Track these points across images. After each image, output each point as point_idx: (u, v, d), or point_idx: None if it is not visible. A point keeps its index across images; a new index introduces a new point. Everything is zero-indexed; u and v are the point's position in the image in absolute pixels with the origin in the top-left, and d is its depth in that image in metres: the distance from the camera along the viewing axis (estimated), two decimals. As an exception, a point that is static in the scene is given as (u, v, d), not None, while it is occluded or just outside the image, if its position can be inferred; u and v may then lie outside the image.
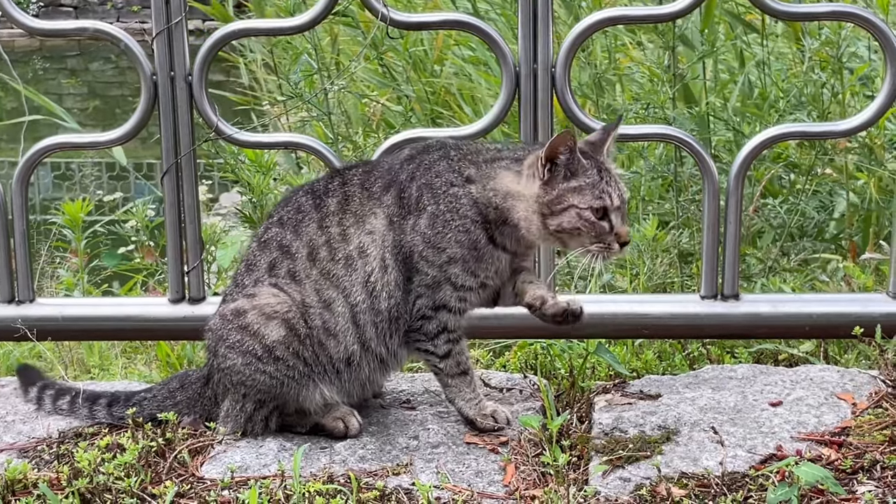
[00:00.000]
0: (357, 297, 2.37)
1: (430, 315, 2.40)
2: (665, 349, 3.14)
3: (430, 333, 2.41)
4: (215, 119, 2.80)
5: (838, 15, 2.95)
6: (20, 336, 2.83)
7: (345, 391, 2.43)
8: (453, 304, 2.40)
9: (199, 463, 2.34)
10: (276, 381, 2.37)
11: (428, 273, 2.37)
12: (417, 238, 2.36)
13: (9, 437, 2.51)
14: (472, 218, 2.36)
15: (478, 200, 2.36)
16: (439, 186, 2.37)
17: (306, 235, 2.40)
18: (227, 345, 2.39)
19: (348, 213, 2.39)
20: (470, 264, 2.38)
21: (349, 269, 2.37)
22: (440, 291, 2.38)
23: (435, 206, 2.36)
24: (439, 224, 2.36)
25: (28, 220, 2.88)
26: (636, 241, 3.49)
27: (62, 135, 3.00)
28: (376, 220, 2.38)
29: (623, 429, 2.42)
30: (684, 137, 2.80)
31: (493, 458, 2.35)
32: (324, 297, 2.37)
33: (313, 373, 2.38)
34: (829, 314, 2.82)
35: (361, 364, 2.40)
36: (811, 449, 2.29)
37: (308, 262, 2.38)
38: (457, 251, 2.36)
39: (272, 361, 2.36)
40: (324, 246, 2.38)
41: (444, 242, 2.36)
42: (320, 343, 2.37)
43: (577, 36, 2.73)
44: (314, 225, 2.40)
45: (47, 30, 2.95)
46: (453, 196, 2.36)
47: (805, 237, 3.73)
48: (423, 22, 3.16)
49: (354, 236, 2.37)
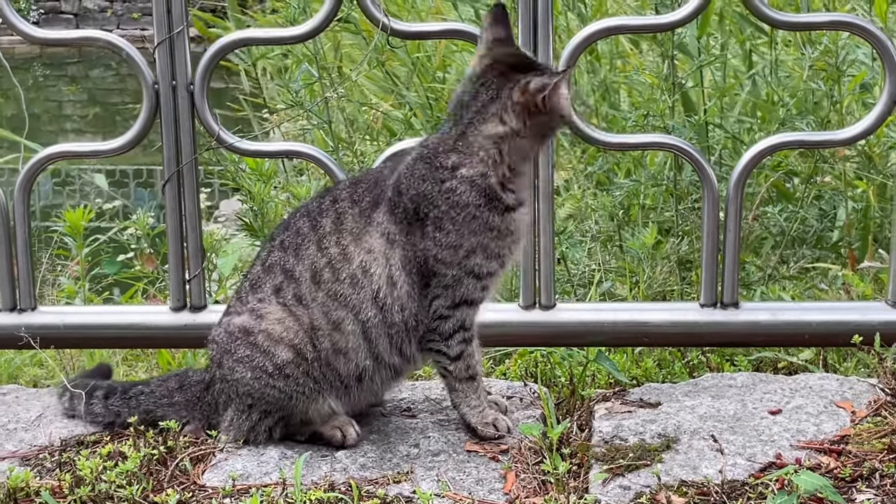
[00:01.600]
0: (368, 314, 2.35)
1: (447, 314, 2.38)
2: (665, 357, 3.15)
3: (445, 333, 2.40)
4: (217, 128, 2.80)
5: (836, 24, 2.96)
6: (24, 344, 2.83)
7: (351, 403, 2.44)
8: (476, 296, 2.38)
9: (201, 471, 2.35)
10: (284, 395, 2.38)
11: (447, 273, 2.35)
12: (430, 245, 2.34)
13: (10, 445, 2.52)
14: (475, 202, 2.32)
15: (474, 180, 2.32)
16: (430, 189, 2.33)
17: (308, 259, 2.38)
18: (234, 358, 2.39)
19: (344, 231, 2.37)
20: (491, 248, 2.35)
21: (356, 288, 2.35)
22: (461, 287, 2.36)
23: (436, 209, 2.33)
24: (447, 224, 2.33)
25: (30, 228, 2.89)
26: (636, 249, 3.50)
27: (65, 143, 3.01)
28: (372, 240, 2.36)
29: (623, 437, 2.42)
30: (683, 146, 2.81)
31: (493, 466, 2.35)
32: (332, 319, 2.36)
33: (322, 389, 2.38)
34: (828, 322, 2.83)
35: (374, 378, 2.40)
36: (810, 457, 2.30)
37: (313, 286, 2.37)
38: (473, 241, 2.33)
39: (282, 378, 2.36)
40: (326, 268, 2.36)
41: (458, 239, 2.33)
42: (328, 364, 2.37)
43: (576, 46, 2.73)
44: (314, 247, 2.38)
45: (50, 39, 2.96)
46: (449, 191, 2.32)
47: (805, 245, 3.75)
48: (424, 31, 3.17)
49: (355, 255, 2.35)
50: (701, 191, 2.88)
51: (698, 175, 2.82)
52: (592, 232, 3.67)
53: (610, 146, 2.92)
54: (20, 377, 3.49)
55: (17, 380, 3.43)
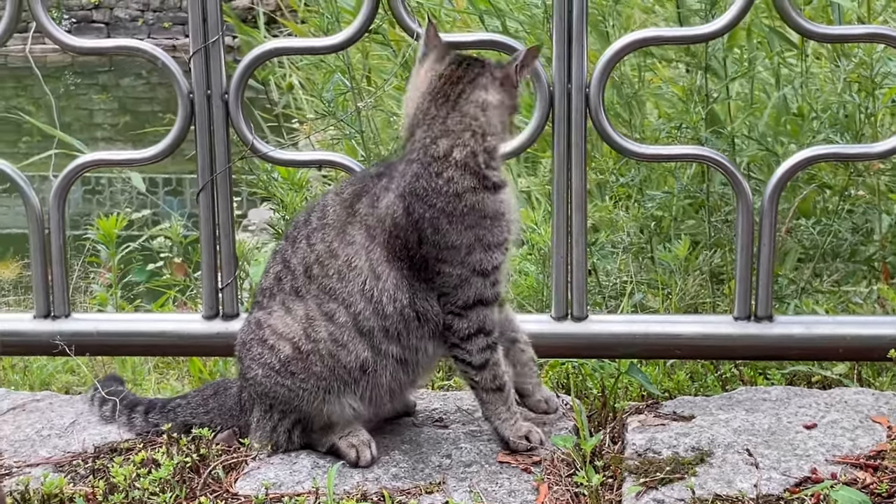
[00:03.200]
0: (358, 307, 2.33)
1: (460, 313, 2.37)
2: (697, 370, 3.13)
3: (461, 333, 2.37)
4: (251, 137, 2.82)
5: (873, 37, 2.95)
6: (58, 351, 2.85)
7: (369, 400, 2.39)
8: (488, 294, 2.36)
9: (234, 479, 2.35)
10: (293, 393, 2.37)
11: (452, 273, 2.34)
12: (428, 249, 2.32)
13: (45, 452, 2.53)
14: (470, 185, 2.31)
15: (467, 162, 2.32)
16: (423, 186, 2.32)
17: (300, 253, 2.40)
18: (250, 356, 2.42)
19: (327, 226, 2.38)
20: (488, 238, 2.33)
21: (344, 282, 2.34)
22: (470, 287, 2.35)
23: (431, 209, 2.31)
24: (443, 222, 2.31)
25: (65, 236, 2.91)
26: (668, 261, 3.48)
27: (100, 151, 3.03)
28: (354, 231, 2.35)
29: (656, 450, 2.41)
30: (718, 158, 2.80)
31: (525, 477, 2.34)
32: (325, 310, 2.35)
33: (332, 386, 2.36)
34: (863, 336, 2.81)
35: (377, 369, 2.36)
36: (846, 472, 2.28)
37: (306, 279, 2.38)
38: (470, 235, 2.32)
39: (289, 375, 2.37)
40: (315, 263, 2.37)
41: (456, 236, 2.31)
42: (331, 354, 2.35)
43: (610, 57, 2.73)
44: (304, 242, 2.40)
45: (86, 48, 2.98)
46: (446, 181, 2.31)
47: (838, 258, 3.72)
48: (457, 42, 3.14)
49: (340, 250, 2.35)
50: (734, 203, 2.87)
51: (732, 187, 2.81)
52: (624, 243, 3.66)
53: (644, 157, 2.91)
54: (52, 384, 3.51)
55: (50, 386, 3.45)
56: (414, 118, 2.39)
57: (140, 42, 2.91)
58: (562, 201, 2.78)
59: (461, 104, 2.35)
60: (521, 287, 3.45)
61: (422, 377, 2.51)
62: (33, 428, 2.65)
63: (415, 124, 2.38)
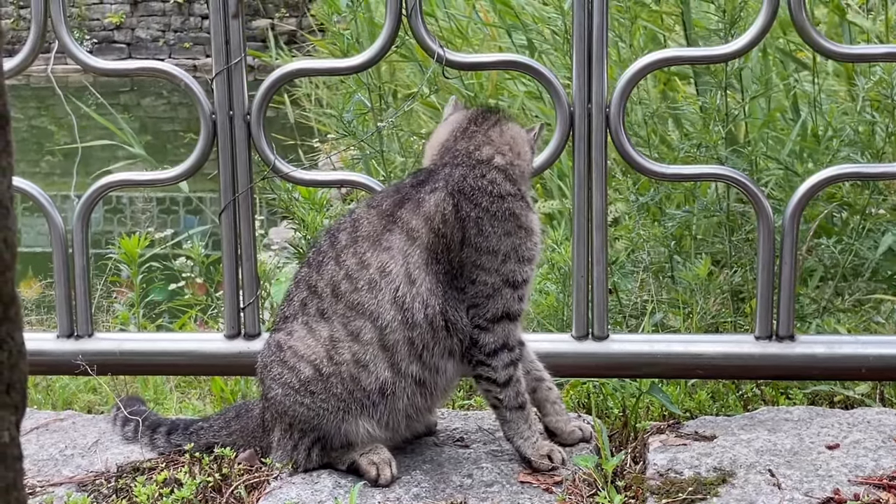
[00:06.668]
0: (387, 317, 2.32)
1: (487, 326, 2.38)
2: (719, 389, 3.12)
3: (487, 348, 2.38)
4: (273, 157, 2.83)
5: (894, 56, 2.94)
6: (81, 371, 2.86)
7: (385, 424, 2.39)
8: (514, 308, 2.39)
9: (256, 498, 2.36)
10: (313, 412, 2.38)
11: (487, 282, 2.36)
12: (469, 252, 2.34)
13: (68, 471, 2.55)
14: (510, 191, 2.40)
15: (507, 169, 2.42)
16: (470, 185, 2.37)
17: (327, 273, 2.39)
18: (270, 376, 2.42)
19: (360, 239, 2.38)
20: (522, 250, 2.38)
21: (374, 291, 2.34)
22: (500, 298, 2.37)
23: (477, 209, 2.35)
24: (486, 224, 2.35)
25: (88, 256, 2.93)
26: (688, 280, 3.48)
27: (123, 172, 3.06)
28: (392, 236, 2.35)
29: (678, 470, 2.41)
30: (740, 178, 2.80)
31: (547, 497, 2.34)
32: (350, 329, 2.35)
33: (350, 407, 2.36)
34: (886, 356, 2.80)
35: (396, 391, 2.36)
36: (869, 493, 2.27)
37: (333, 299, 2.37)
38: (508, 243, 2.37)
39: (308, 395, 2.37)
40: (344, 279, 2.37)
41: (496, 241, 2.35)
42: (352, 377, 2.35)
43: (631, 77, 2.74)
44: (332, 262, 2.40)
45: (109, 69, 3.00)
46: (490, 182, 2.39)
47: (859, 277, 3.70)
48: (479, 63, 3.16)
49: (373, 259, 2.35)
50: (755, 222, 2.86)
51: (753, 207, 2.80)
52: (644, 262, 3.66)
53: (665, 177, 2.91)
54: (74, 403, 3.53)
55: (72, 405, 3.47)
56: (442, 147, 2.47)
57: (162, 63, 2.94)
58: (583, 220, 2.78)
59: (499, 126, 2.48)
60: (542, 306, 3.45)
61: (438, 402, 2.51)
62: (56, 447, 2.66)
63: (445, 150, 2.46)
